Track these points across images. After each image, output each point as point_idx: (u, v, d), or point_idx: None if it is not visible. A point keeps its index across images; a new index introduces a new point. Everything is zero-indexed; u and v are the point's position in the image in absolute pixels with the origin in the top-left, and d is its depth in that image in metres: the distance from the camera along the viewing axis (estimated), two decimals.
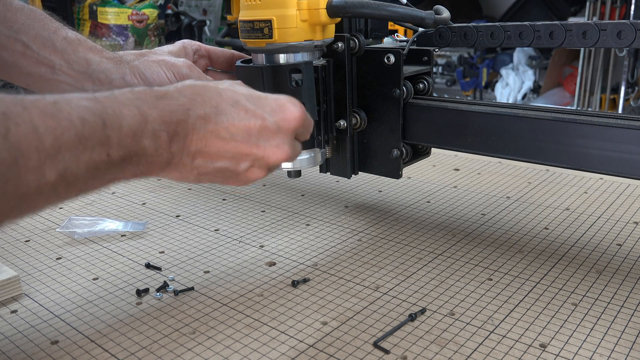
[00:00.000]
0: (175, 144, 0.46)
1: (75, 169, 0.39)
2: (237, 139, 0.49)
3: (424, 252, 0.68)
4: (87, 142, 0.39)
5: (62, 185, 0.39)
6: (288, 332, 0.53)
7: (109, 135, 0.41)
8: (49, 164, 0.38)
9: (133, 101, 0.44)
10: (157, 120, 0.44)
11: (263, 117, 0.49)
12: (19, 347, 0.52)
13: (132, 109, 0.43)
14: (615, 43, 0.57)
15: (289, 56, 0.62)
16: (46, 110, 0.38)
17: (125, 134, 0.42)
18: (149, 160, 0.45)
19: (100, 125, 0.40)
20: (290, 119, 0.51)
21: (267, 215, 0.81)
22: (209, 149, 0.48)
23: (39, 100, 0.38)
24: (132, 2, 2.87)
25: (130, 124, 0.42)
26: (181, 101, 0.46)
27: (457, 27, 0.67)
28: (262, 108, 0.50)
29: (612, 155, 0.55)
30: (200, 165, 0.49)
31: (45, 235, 0.76)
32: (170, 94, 0.47)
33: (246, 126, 0.49)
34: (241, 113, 0.49)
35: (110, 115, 0.41)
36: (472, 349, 0.49)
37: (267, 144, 0.50)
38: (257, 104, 0.50)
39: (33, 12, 0.63)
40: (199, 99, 0.48)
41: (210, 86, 0.49)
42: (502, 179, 0.95)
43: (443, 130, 0.66)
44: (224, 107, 0.48)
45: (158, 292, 0.60)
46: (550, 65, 3.77)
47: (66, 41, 0.63)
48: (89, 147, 0.40)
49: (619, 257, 0.66)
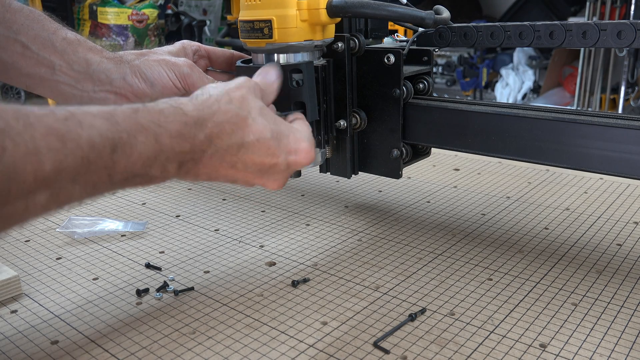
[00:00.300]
0: (184, 168, 0.45)
1: (70, 190, 0.37)
2: (248, 170, 0.50)
3: (424, 252, 0.68)
4: (89, 166, 0.37)
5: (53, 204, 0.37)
6: (288, 332, 0.53)
7: (116, 160, 0.39)
8: (43, 188, 0.35)
9: (155, 126, 0.41)
10: (173, 150, 0.43)
11: (279, 157, 0.50)
12: (19, 347, 0.52)
13: (150, 137, 0.41)
14: (615, 43, 0.57)
15: (289, 56, 0.62)
16: (53, 129, 0.35)
17: (134, 162, 0.40)
18: (152, 181, 0.44)
19: (109, 151, 0.38)
20: (302, 163, 0.52)
21: (267, 215, 0.81)
22: (219, 173, 0.48)
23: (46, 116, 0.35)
24: (132, 2, 2.87)
25: (143, 151, 0.41)
26: (209, 127, 0.45)
27: (457, 27, 0.67)
28: (281, 148, 0.50)
29: (612, 155, 0.55)
30: (201, 180, 0.49)
31: (45, 235, 0.76)
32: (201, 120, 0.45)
33: (262, 162, 0.49)
34: (262, 150, 0.49)
35: (124, 141, 0.39)
36: (472, 349, 0.49)
37: (270, 178, 0.52)
38: (279, 143, 0.50)
39: (32, 13, 0.63)
40: (227, 128, 0.47)
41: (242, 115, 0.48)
42: (502, 179, 0.95)
43: (443, 130, 0.66)
44: (248, 141, 0.48)
45: (158, 292, 0.60)
46: (550, 65, 3.77)
47: (66, 41, 0.63)
48: (91, 170, 0.38)
49: (619, 257, 0.66)
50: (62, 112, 0.37)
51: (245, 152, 0.48)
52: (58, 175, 0.35)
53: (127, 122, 0.40)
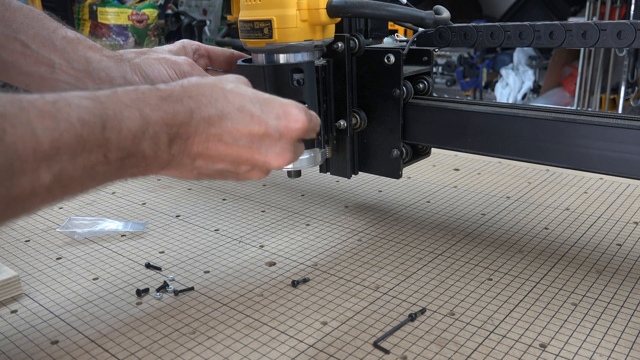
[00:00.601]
0: (175, 145, 0.45)
1: (71, 171, 0.39)
2: (239, 144, 0.48)
3: (424, 252, 0.68)
4: (85, 144, 0.39)
5: (57, 187, 0.38)
6: (288, 332, 0.53)
7: (108, 137, 0.40)
8: (44, 167, 0.37)
9: (135, 102, 0.43)
10: (159, 122, 0.44)
11: (267, 124, 0.49)
12: (19, 347, 0.52)
13: (134, 111, 0.42)
14: (615, 43, 0.57)
15: (289, 56, 0.62)
16: (45, 111, 0.37)
17: (124, 137, 0.41)
18: (147, 162, 0.44)
19: (100, 127, 0.40)
20: (294, 127, 0.50)
21: (267, 215, 0.81)
22: (211, 152, 0.48)
23: (37, 100, 0.37)
24: (132, 2, 2.87)
25: (131, 126, 0.42)
26: (185, 102, 0.46)
27: (457, 27, 0.67)
28: (267, 114, 0.49)
29: (612, 155, 0.55)
30: (201, 166, 0.49)
31: (45, 235, 0.76)
32: (175, 94, 0.46)
33: (249, 132, 0.48)
34: (246, 118, 0.48)
35: (111, 117, 0.40)
36: (472, 349, 0.49)
37: (269, 151, 0.50)
38: (262, 109, 0.49)
39: (32, 12, 0.63)
40: (204, 100, 0.47)
41: (217, 86, 0.49)
42: (502, 179, 0.95)
43: (443, 130, 0.66)
44: (229, 111, 0.48)
45: (158, 292, 0.60)
46: (550, 65, 3.77)
47: (65, 40, 0.63)
48: (87, 149, 0.39)
49: (619, 257, 0.66)
50: (51, 96, 0.39)
51: (229, 123, 0.47)
52: (56, 154, 0.37)
53: (109, 100, 0.41)
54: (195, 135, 0.46)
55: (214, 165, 0.49)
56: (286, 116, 0.50)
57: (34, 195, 0.37)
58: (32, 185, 0.37)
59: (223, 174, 0.51)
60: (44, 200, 0.39)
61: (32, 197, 0.37)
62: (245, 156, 0.49)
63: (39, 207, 0.39)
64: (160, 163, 0.45)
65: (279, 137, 0.50)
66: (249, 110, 0.48)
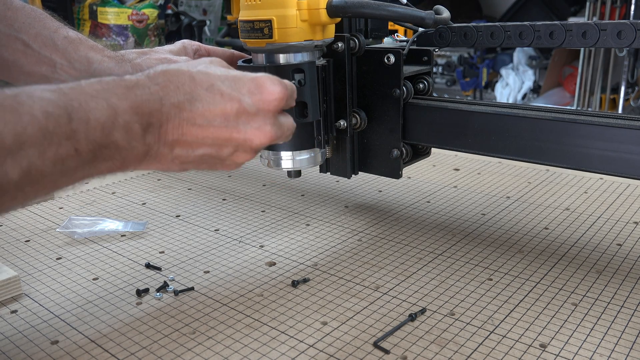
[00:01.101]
0: (149, 135, 0.44)
1: (41, 166, 0.38)
2: (215, 124, 0.47)
3: (424, 252, 0.68)
4: (52, 137, 0.38)
5: (27, 184, 0.37)
6: (288, 332, 0.53)
7: (75, 129, 0.39)
8: (10, 162, 0.36)
9: (101, 93, 0.42)
10: (129, 112, 0.42)
11: (240, 100, 0.47)
12: (19, 347, 0.52)
13: (100, 101, 0.41)
14: (615, 43, 0.57)
15: (289, 56, 0.62)
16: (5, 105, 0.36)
17: (93, 128, 0.40)
18: (122, 155, 0.43)
19: (66, 119, 0.39)
20: (270, 99, 0.48)
21: (267, 215, 0.81)
22: (187, 137, 0.46)
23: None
24: (132, 2, 2.87)
25: (98, 117, 0.41)
26: (153, 90, 0.45)
27: (457, 27, 0.67)
28: (238, 90, 0.48)
29: (612, 155, 0.55)
30: (181, 154, 0.47)
31: (45, 235, 0.76)
32: (142, 83, 0.45)
33: (222, 110, 0.47)
34: (217, 97, 0.47)
35: (77, 108, 0.39)
36: (472, 349, 0.49)
37: (247, 127, 0.48)
38: (233, 86, 0.48)
39: (33, 12, 0.63)
40: (172, 86, 0.46)
41: (183, 70, 0.47)
42: (502, 179, 0.95)
43: (443, 130, 0.66)
44: (198, 93, 0.46)
45: (158, 292, 0.60)
46: (550, 65, 3.77)
47: (67, 40, 0.63)
48: (55, 142, 0.38)
49: (619, 257, 0.66)
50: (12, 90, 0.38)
51: (199, 105, 0.46)
52: (21, 148, 0.36)
53: (74, 92, 0.41)
54: (168, 122, 0.45)
55: (194, 152, 0.48)
56: (260, 90, 0.48)
57: (3, 193, 0.36)
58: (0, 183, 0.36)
59: (207, 161, 0.49)
60: (14, 197, 0.38)
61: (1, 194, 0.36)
62: (224, 136, 0.48)
63: (10, 204, 0.38)
64: (137, 155, 0.44)
65: (255, 112, 0.48)
66: (219, 89, 0.47)
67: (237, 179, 0.98)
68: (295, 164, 0.65)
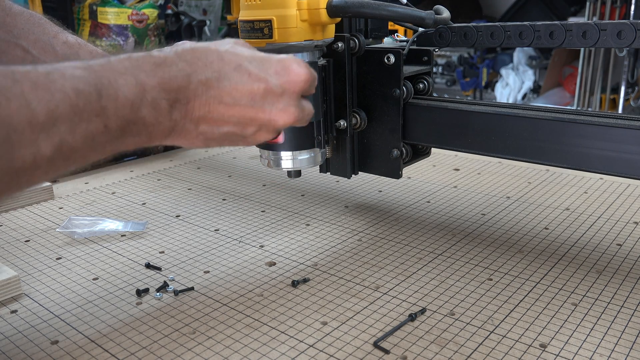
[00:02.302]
0: (176, 111, 0.45)
1: (71, 142, 0.38)
2: (241, 104, 0.47)
3: (424, 252, 0.68)
4: (82, 114, 0.38)
5: (59, 158, 0.38)
6: (288, 332, 0.53)
7: (105, 106, 0.40)
8: (43, 138, 0.37)
9: (130, 70, 0.42)
10: (156, 88, 0.43)
11: (267, 81, 0.48)
12: (19, 347, 0.52)
13: (129, 78, 0.42)
14: (615, 43, 0.57)
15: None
16: (38, 82, 0.37)
17: (122, 105, 0.41)
18: (149, 130, 0.43)
19: (96, 96, 0.39)
20: (296, 80, 0.49)
21: (267, 215, 0.81)
22: (213, 115, 0.47)
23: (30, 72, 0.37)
24: (132, 2, 2.87)
25: (127, 94, 0.41)
26: (181, 66, 0.45)
27: (457, 27, 0.67)
28: (265, 71, 0.48)
29: (612, 155, 0.55)
30: (206, 131, 0.48)
31: (45, 235, 0.76)
32: (170, 60, 0.45)
33: (250, 90, 0.47)
34: (244, 77, 0.47)
35: (106, 86, 0.40)
36: (472, 349, 0.49)
37: (272, 108, 0.49)
38: (260, 66, 0.48)
39: (32, 17, 0.63)
40: (200, 63, 0.46)
41: (211, 49, 0.48)
42: (502, 179, 0.95)
43: (443, 130, 0.66)
44: (226, 71, 0.47)
45: (158, 292, 0.60)
46: (550, 65, 3.77)
47: (66, 45, 0.63)
48: (85, 118, 0.39)
49: (619, 257, 0.66)
50: (44, 67, 0.38)
51: (227, 84, 0.47)
52: (54, 125, 0.37)
53: (103, 69, 0.41)
54: (195, 99, 0.46)
55: (219, 129, 0.48)
56: (287, 71, 0.49)
57: (36, 167, 0.37)
58: (33, 157, 0.37)
59: (230, 137, 0.49)
60: (46, 172, 0.39)
61: (34, 169, 0.37)
62: (249, 115, 0.48)
63: (42, 178, 0.39)
64: (163, 130, 0.45)
65: (281, 93, 0.49)
66: (247, 69, 0.47)
67: (237, 179, 0.98)
68: (295, 164, 0.65)
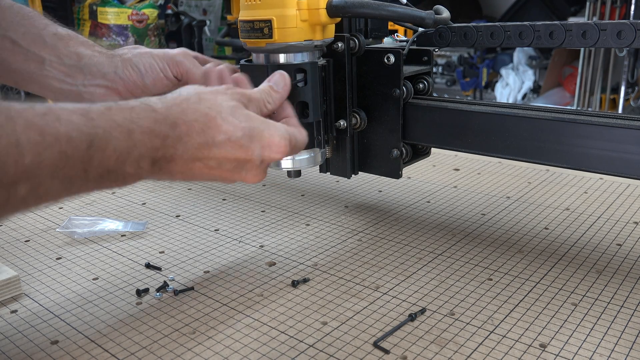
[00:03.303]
0: (157, 166, 0.46)
1: (49, 185, 0.38)
2: (224, 169, 0.50)
3: (424, 252, 0.68)
4: (68, 161, 0.38)
5: (32, 198, 0.38)
6: (288, 332, 0.53)
7: (92, 155, 0.40)
8: (24, 180, 0.36)
9: (128, 122, 0.43)
10: (146, 146, 0.44)
11: (252, 153, 0.50)
12: (19, 347, 0.52)
13: (124, 132, 0.42)
14: (615, 43, 0.57)
15: (289, 56, 0.62)
16: (33, 123, 0.36)
17: (108, 156, 0.41)
18: (127, 179, 0.44)
19: (86, 145, 0.39)
20: (276, 156, 0.52)
21: (267, 215, 0.81)
22: (194, 172, 0.49)
23: (26, 110, 0.37)
24: (132, 2, 2.87)
25: (117, 147, 0.41)
26: (178, 127, 0.46)
27: (457, 27, 0.67)
28: (254, 144, 0.50)
29: (612, 155, 0.55)
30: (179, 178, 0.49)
31: (45, 235, 0.76)
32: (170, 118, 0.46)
33: (235, 158, 0.49)
34: (235, 147, 0.49)
35: (100, 136, 0.40)
36: (472, 349, 0.49)
37: (248, 173, 0.51)
38: (252, 139, 0.50)
39: (22, 10, 0.62)
40: (197, 126, 0.47)
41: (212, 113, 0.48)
42: (502, 179, 0.95)
43: (443, 130, 0.66)
44: (219, 140, 0.48)
45: (158, 292, 0.60)
46: (550, 65, 3.77)
47: (56, 37, 0.62)
48: (69, 165, 0.39)
49: (619, 257, 0.66)
50: (41, 108, 0.38)
51: (216, 151, 0.48)
52: (38, 168, 0.37)
53: (101, 118, 0.41)
54: (180, 158, 0.47)
55: (191, 179, 0.50)
56: (270, 146, 0.51)
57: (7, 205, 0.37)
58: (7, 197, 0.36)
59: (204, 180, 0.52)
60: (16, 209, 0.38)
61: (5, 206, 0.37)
62: (226, 176, 0.51)
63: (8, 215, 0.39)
64: (139, 178, 0.46)
65: (259, 164, 0.52)
66: (238, 141, 0.49)
67: None
68: (295, 164, 0.65)
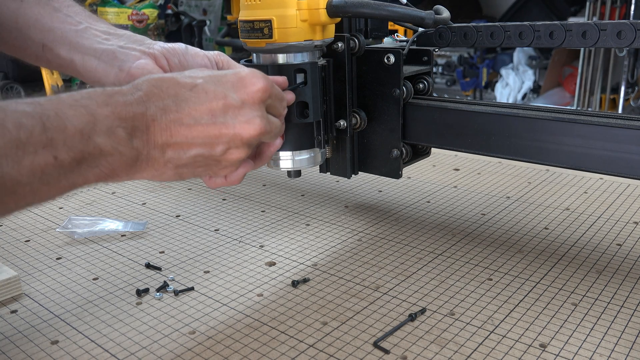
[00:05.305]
0: (136, 139, 0.44)
1: (16, 175, 0.38)
2: (202, 122, 0.47)
3: (424, 252, 0.68)
4: (25, 147, 0.38)
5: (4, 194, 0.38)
6: (288, 332, 0.53)
7: (51, 137, 0.39)
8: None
9: (80, 101, 0.42)
10: (110, 117, 0.43)
11: (225, 95, 0.48)
12: (19, 347, 0.52)
13: (79, 109, 0.41)
14: (615, 43, 0.57)
15: (289, 56, 0.62)
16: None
17: (71, 135, 0.40)
18: (109, 161, 0.43)
19: (40, 128, 0.39)
20: (253, 90, 0.49)
21: (267, 215, 0.81)
22: (177, 138, 0.47)
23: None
24: (132, 2, 2.87)
25: (76, 123, 0.41)
26: (137, 95, 0.45)
27: (457, 27, 0.67)
28: (222, 86, 0.48)
29: (612, 155, 0.55)
30: (173, 157, 0.47)
31: (45, 235, 0.76)
32: (124, 90, 0.45)
33: (209, 107, 0.47)
34: (201, 96, 0.47)
35: (52, 117, 0.40)
36: (472, 349, 0.49)
37: (235, 121, 0.48)
38: (216, 83, 0.48)
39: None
40: (156, 91, 0.46)
41: (166, 77, 0.48)
42: (502, 179, 0.95)
43: (443, 130, 0.66)
44: (182, 94, 0.47)
45: (158, 292, 0.60)
46: (550, 65, 3.77)
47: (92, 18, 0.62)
48: (30, 151, 0.38)
49: (619, 257, 0.66)
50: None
51: (186, 105, 0.47)
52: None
53: (50, 103, 0.41)
54: (155, 125, 0.45)
55: (186, 153, 0.48)
56: (243, 83, 0.49)
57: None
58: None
59: (201, 163, 0.49)
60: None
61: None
62: (213, 133, 0.48)
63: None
64: (126, 160, 0.44)
65: (241, 105, 0.49)
66: (203, 88, 0.48)
67: None
68: (295, 164, 0.65)
